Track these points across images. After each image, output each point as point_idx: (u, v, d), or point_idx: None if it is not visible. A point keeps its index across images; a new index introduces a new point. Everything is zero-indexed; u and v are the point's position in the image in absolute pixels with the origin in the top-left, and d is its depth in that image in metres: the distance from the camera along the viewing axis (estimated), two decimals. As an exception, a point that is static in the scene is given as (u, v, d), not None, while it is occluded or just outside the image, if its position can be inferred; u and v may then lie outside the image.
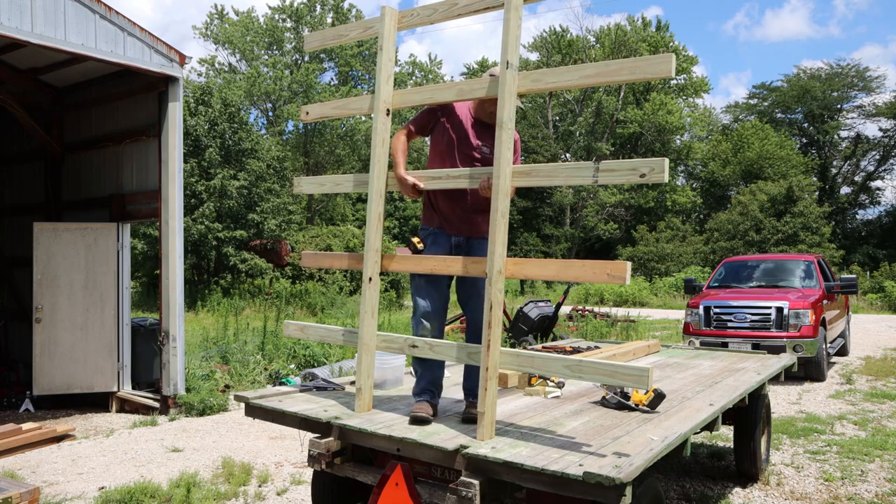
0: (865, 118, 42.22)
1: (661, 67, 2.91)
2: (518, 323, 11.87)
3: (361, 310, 3.74)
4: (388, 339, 3.73)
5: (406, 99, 3.85)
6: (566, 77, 3.25)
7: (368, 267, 3.72)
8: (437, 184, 3.61)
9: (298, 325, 4.31)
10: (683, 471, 5.49)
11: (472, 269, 3.40)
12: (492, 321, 3.17)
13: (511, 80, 3.25)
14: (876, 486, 5.05)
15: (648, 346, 6.52)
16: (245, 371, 9.07)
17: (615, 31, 40.73)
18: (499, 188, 3.23)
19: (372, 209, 3.74)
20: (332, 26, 37.41)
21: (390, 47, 3.81)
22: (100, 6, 6.92)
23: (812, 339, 9.46)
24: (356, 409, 3.66)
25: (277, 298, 21.59)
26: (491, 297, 3.19)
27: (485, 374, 3.16)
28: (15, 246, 9.62)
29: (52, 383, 7.96)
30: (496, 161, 3.25)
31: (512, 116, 3.27)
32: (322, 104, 4.33)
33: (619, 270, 2.96)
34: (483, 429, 3.11)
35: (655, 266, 34.10)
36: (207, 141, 23.16)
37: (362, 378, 3.70)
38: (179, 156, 7.69)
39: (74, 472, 5.47)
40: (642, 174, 2.88)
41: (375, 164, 3.74)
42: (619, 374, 2.92)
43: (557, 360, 3.13)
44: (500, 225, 3.21)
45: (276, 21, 38.66)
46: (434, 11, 3.69)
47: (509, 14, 3.27)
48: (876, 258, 34.14)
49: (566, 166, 3.24)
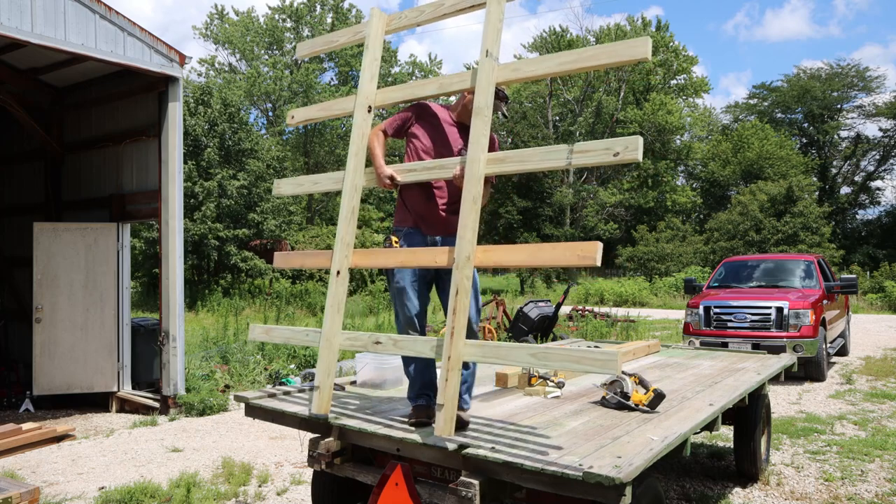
0: (865, 118, 42.28)
1: (638, 50, 2.92)
2: (518, 323, 11.87)
3: (327, 304, 3.61)
4: (353, 336, 3.61)
5: (388, 96, 3.85)
6: (545, 65, 3.26)
7: (338, 260, 3.63)
8: (413, 175, 3.56)
9: (263, 329, 4.14)
10: (683, 471, 5.49)
11: (440, 259, 3.29)
12: (457, 307, 3.07)
13: (489, 69, 3.28)
14: (876, 486, 5.05)
15: (648, 346, 6.52)
16: (245, 371, 9.07)
17: (615, 32, 40.71)
18: (472, 173, 3.20)
19: (345, 203, 3.70)
20: (332, 27, 37.45)
21: (376, 47, 3.84)
22: (100, 6, 6.92)
23: (812, 339, 9.46)
24: (313, 409, 3.52)
25: (277, 298, 21.61)
26: (457, 282, 3.10)
27: (446, 364, 3.03)
28: (15, 246, 9.62)
29: (52, 383, 7.96)
30: (471, 146, 3.23)
31: (489, 104, 3.26)
32: (308, 108, 4.33)
33: (588, 251, 2.88)
34: (442, 424, 3.00)
35: (655, 266, 34.07)
36: (207, 141, 23.15)
37: (321, 376, 3.54)
38: (179, 156, 7.69)
39: (74, 472, 5.47)
40: (616, 153, 2.85)
41: (353, 158, 3.73)
42: (586, 359, 2.83)
43: (522, 349, 3.01)
44: (470, 211, 3.16)
45: (276, 21, 38.69)
46: (421, 13, 3.72)
47: (492, 6, 3.34)
48: (876, 258, 34.13)
49: (539, 150, 3.15)
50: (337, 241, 3.67)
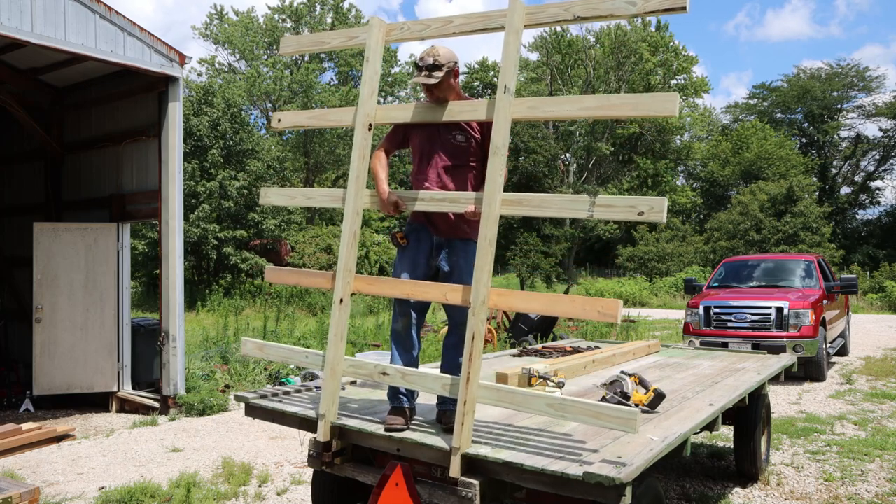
0: (865, 118, 42.30)
1: (666, 106, 2.79)
2: (518, 323, 11.86)
3: (330, 333, 3.49)
4: (357, 364, 3.53)
5: (389, 115, 3.72)
6: (566, 108, 3.12)
7: (340, 288, 3.48)
8: (420, 205, 3.44)
9: (257, 344, 4.04)
10: (683, 471, 5.49)
11: (451, 297, 3.21)
12: (472, 353, 2.98)
13: (507, 105, 3.10)
14: (876, 486, 5.05)
15: (648, 346, 6.52)
16: (245, 371, 9.07)
17: (615, 32, 40.71)
18: (488, 215, 3.06)
19: (347, 227, 3.52)
20: (332, 27, 37.45)
21: (377, 60, 3.62)
22: (100, 6, 6.92)
23: (812, 339, 9.46)
24: (319, 437, 3.44)
25: (277, 298, 21.60)
26: (473, 327, 2.99)
27: (461, 408, 2.95)
28: (15, 246, 9.62)
29: (52, 383, 7.96)
30: (487, 186, 3.08)
31: (506, 142, 3.11)
32: (297, 112, 4.10)
33: (610, 309, 2.80)
34: (456, 467, 2.91)
35: (656, 266, 34.07)
36: (210, 141, 23.16)
37: (326, 404, 3.41)
38: (179, 156, 7.69)
39: (74, 472, 5.47)
40: (640, 212, 2.77)
41: (354, 181, 3.54)
42: (605, 415, 2.77)
43: (539, 399, 2.94)
44: (486, 252, 3.04)
45: (275, 21, 38.68)
46: (426, 28, 3.49)
47: (510, 37, 3.11)
48: (876, 258, 34.13)
49: (560, 198, 3.09)
50: (339, 268, 3.52)
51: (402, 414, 3.39)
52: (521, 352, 6.39)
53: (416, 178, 3.67)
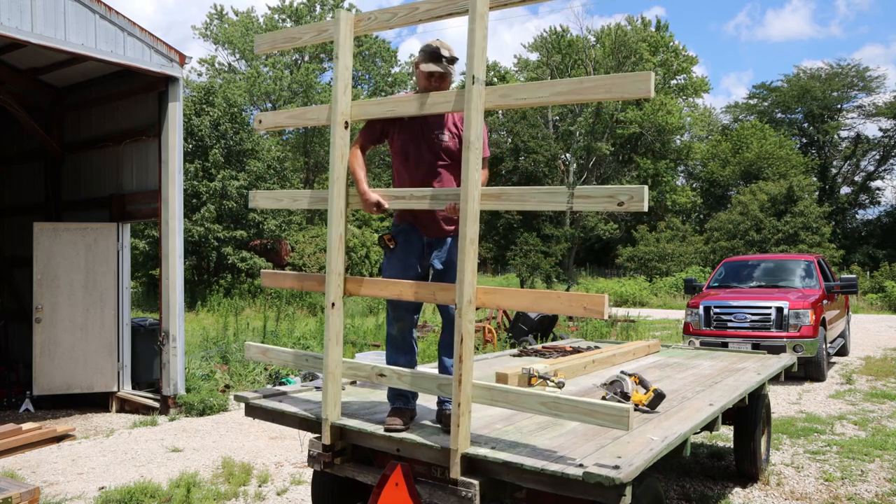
0: (865, 118, 42.27)
1: (640, 86, 2.70)
2: (518, 323, 11.86)
3: (326, 336, 3.49)
4: (355, 366, 3.54)
5: (365, 111, 3.61)
6: (538, 93, 3.00)
7: (331, 292, 3.46)
8: (401, 203, 3.43)
9: (261, 349, 4.06)
10: (683, 471, 5.49)
11: (440, 297, 3.20)
12: (462, 355, 2.97)
13: (477, 96, 3.00)
14: (876, 486, 5.05)
15: (648, 346, 6.52)
16: (245, 371, 9.07)
17: (615, 32, 40.70)
18: (467, 213, 2.99)
19: (333, 230, 3.45)
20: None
21: (347, 54, 3.53)
22: (100, 6, 6.92)
23: (812, 339, 9.46)
24: (323, 441, 3.46)
25: (277, 298, 21.59)
26: (461, 329, 2.97)
27: (457, 411, 2.94)
28: (15, 246, 9.62)
29: (52, 383, 7.96)
30: (463, 184, 3.01)
31: (479, 135, 3.04)
32: (276, 113, 4.04)
33: (595, 304, 2.78)
34: (454, 466, 2.93)
35: (656, 266, 34.07)
36: (211, 142, 23.16)
37: (329, 408, 3.43)
38: (179, 156, 7.69)
39: (74, 472, 5.47)
40: (620, 202, 2.70)
41: (335, 183, 3.46)
42: (598, 413, 2.77)
43: (533, 397, 2.94)
44: (469, 252, 2.98)
45: (275, 21, 38.68)
46: (393, 16, 3.42)
47: (474, 24, 2.99)
48: (876, 258, 34.12)
49: (538, 190, 2.98)
50: (328, 273, 3.47)
51: (401, 415, 3.39)
52: (522, 352, 6.39)
53: (399, 178, 3.65)
